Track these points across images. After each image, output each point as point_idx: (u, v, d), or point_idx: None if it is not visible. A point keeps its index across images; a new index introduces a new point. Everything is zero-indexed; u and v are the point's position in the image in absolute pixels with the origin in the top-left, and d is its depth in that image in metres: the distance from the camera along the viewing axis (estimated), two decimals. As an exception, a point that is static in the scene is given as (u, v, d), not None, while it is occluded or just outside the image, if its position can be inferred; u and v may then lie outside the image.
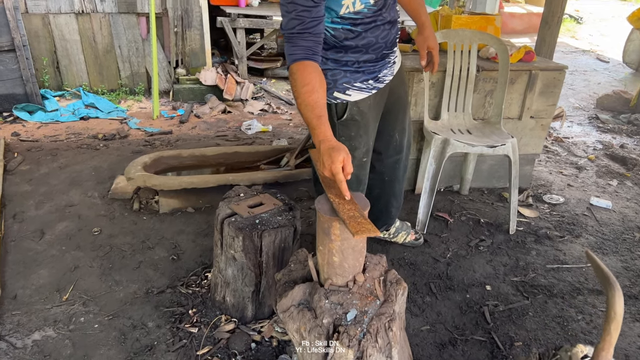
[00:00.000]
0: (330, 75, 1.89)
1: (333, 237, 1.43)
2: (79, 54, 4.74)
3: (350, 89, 1.92)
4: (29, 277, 2.32)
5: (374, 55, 1.90)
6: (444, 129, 2.75)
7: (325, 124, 1.53)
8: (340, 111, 1.96)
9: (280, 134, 4.17)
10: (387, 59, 1.98)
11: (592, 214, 3.01)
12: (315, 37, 1.60)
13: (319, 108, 1.53)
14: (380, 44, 1.88)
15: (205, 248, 2.56)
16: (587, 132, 4.56)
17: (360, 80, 1.92)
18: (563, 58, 7.60)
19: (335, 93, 1.92)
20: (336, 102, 1.94)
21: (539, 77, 2.98)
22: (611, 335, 1.03)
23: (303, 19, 1.56)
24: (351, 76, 1.91)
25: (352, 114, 1.96)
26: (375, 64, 1.93)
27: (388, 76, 2.01)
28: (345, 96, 1.93)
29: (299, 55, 1.58)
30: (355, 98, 1.94)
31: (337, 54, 1.86)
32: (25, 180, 3.20)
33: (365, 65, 1.91)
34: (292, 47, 1.59)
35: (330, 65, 1.89)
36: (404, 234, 2.58)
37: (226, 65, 5.43)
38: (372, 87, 1.96)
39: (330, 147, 1.46)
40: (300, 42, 1.58)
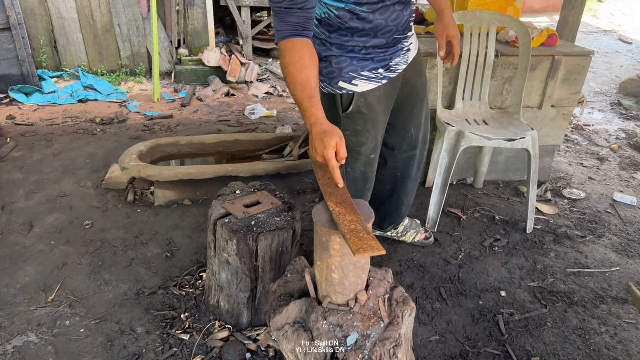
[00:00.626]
0: (335, 62, 1.70)
1: (332, 252, 1.27)
2: (77, 32, 4.55)
3: (357, 78, 1.73)
4: (14, 275, 2.19)
5: (384, 40, 1.70)
6: (459, 120, 2.55)
7: (317, 106, 1.40)
8: (345, 103, 1.77)
9: (285, 120, 3.99)
10: (400, 45, 1.77)
11: (615, 211, 2.81)
12: (306, 12, 1.43)
13: (309, 88, 1.41)
14: (390, 27, 1.67)
15: (201, 245, 2.42)
16: (609, 120, 4.32)
17: (368, 68, 1.72)
18: (584, 39, 7.27)
19: (340, 83, 1.73)
20: (341, 92, 1.75)
21: (562, 63, 2.75)
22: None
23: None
24: (358, 64, 1.71)
25: (359, 106, 1.77)
26: (386, 50, 1.73)
27: (401, 65, 1.81)
28: (352, 86, 1.73)
29: (287, 32, 1.44)
30: (363, 89, 1.75)
31: (342, 37, 1.66)
32: (17, 167, 3.06)
33: (375, 52, 1.71)
34: (280, 24, 1.44)
35: (334, 52, 1.69)
36: (414, 232, 2.41)
37: (231, 45, 5.22)
38: (382, 76, 1.76)
39: (322, 131, 1.34)
40: (289, 19, 1.43)
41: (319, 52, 1.68)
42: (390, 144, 2.06)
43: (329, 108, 1.80)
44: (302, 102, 1.41)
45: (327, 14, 1.61)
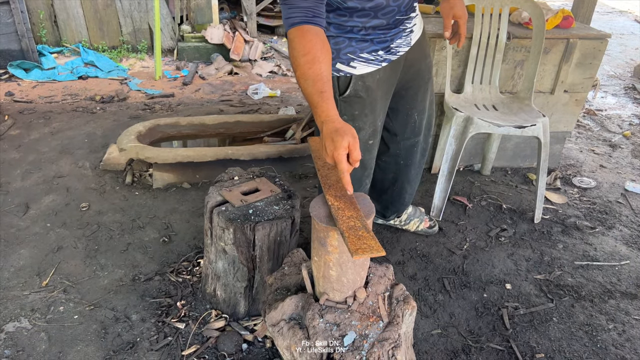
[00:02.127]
0: (333, 43, 1.61)
1: (330, 248, 1.20)
2: (77, 7, 4.44)
3: (356, 60, 1.63)
4: (8, 258, 2.15)
5: (384, 21, 1.59)
6: (467, 104, 2.46)
7: (329, 101, 1.27)
8: (343, 86, 1.68)
9: (288, 100, 3.89)
10: (402, 26, 1.67)
11: (627, 201, 2.72)
12: None
13: (321, 82, 1.27)
14: (392, 7, 1.57)
15: (199, 230, 2.36)
16: (622, 104, 4.19)
17: (367, 50, 1.63)
18: (598, 20, 7.07)
19: (337, 65, 1.64)
20: (338, 75, 1.66)
21: (577, 46, 2.64)
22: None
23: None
24: (357, 45, 1.61)
25: (357, 89, 1.68)
26: (387, 31, 1.63)
27: (403, 47, 1.71)
28: (350, 68, 1.64)
29: (297, 18, 1.31)
30: (361, 71, 1.65)
31: (341, 17, 1.56)
32: (13, 146, 3.00)
33: (375, 33, 1.61)
34: (289, 9, 1.32)
35: (332, 32, 1.59)
36: (417, 221, 2.34)
37: (234, 22, 5.09)
38: (381, 59, 1.66)
39: (334, 130, 1.21)
40: (299, 3, 1.31)
41: None
42: (392, 130, 1.98)
43: None
44: (312, 97, 1.28)
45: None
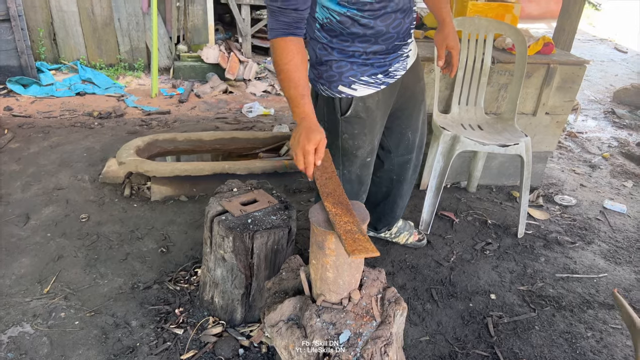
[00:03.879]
0: (336, 67, 1.73)
1: (327, 251, 1.30)
2: (76, 25, 4.56)
3: (357, 83, 1.75)
4: (10, 266, 2.21)
5: (384, 47, 1.72)
6: (454, 124, 2.59)
7: (308, 103, 1.49)
8: (344, 107, 1.80)
9: (282, 118, 4.01)
10: (400, 52, 1.80)
11: (605, 218, 2.86)
12: (297, 12, 1.47)
13: (301, 86, 1.48)
14: (391, 33, 1.70)
15: (196, 241, 2.44)
16: (602, 127, 4.38)
17: (368, 73, 1.75)
18: (580, 47, 7.34)
19: (340, 87, 1.76)
20: (340, 96, 1.77)
21: (557, 71, 2.80)
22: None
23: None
24: (358, 69, 1.74)
25: (357, 110, 1.80)
26: (386, 56, 1.76)
27: (400, 71, 1.84)
28: (351, 90, 1.76)
29: (280, 30, 1.49)
30: (362, 93, 1.77)
31: (343, 43, 1.69)
32: (13, 159, 3.07)
33: (375, 58, 1.74)
34: (273, 22, 1.50)
35: (335, 56, 1.72)
36: (407, 234, 2.45)
37: (230, 42, 5.23)
38: (380, 82, 1.79)
39: (309, 126, 1.43)
40: (282, 18, 1.48)
41: (320, 56, 1.71)
42: (387, 147, 2.10)
43: (327, 111, 1.83)
44: (294, 99, 1.47)
45: (329, 19, 1.63)
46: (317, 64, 1.75)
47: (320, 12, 1.64)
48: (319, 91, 1.81)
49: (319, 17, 1.65)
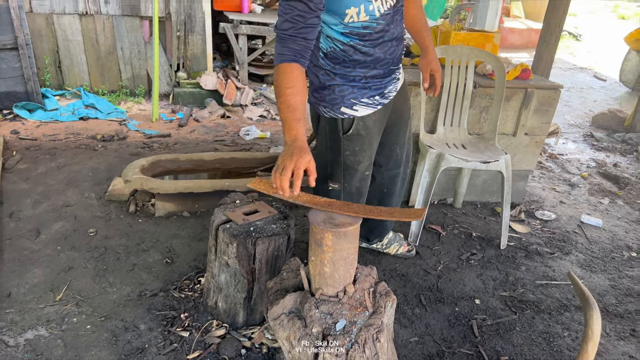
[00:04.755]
0: (338, 90, 1.93)
1: (325, 247, 1.47)
2: (81, 54, 4.77)
3: (357, 104, 1.96)
4: (23, 276, 2.34)
5: (381, 71, 1.94)
6: (439, 143, 2.79)
7: (302, 127, 1.60)
8: (346, 126, 1.99)
9: (278, 141, 4.20)
10: (393, 75, 2.02)
11: (582, 231, 3.05)
12: (306, 42, 1.64)
13: (298, 111, 1.60)
14: (387, 59, 1.92)
15: (199, 252, 2.59)
16: (581, 150, 4.61)
17: (367, 96, 1.96)
18: (561, 75, 7.68)
19: (342, 108, 1.95)
20: (343, 117, 1.97)
21: (534, 95, 3.02)
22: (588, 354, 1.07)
23: (297, 23, 1.61)
24: (358, 92, 1.94)
25: (358, 129, 1.99)
26: (382, 79, 1.97)
27: (393, 92, 2.05)
28: (352, 111, 1.96)
29: (287, 57, 1.63)
30: (362, 113, 1.97)
31: (346, 69, 1.89)
32: (22, 178, 3.22)
33: (373, 81, 1.94)
34: (282, 48, 1.64)
35: (338, 81, 1.92)
36: (397, 245, 2.61)
37: (227, 70, 5.47)
38: (377, 102, 1.99)
39: (300, 147, 1.54)
40: (291, 45, 1.63)
41: (324, 81, 1.91)
42: (378, 162, 2.29)
43: (329, 130, 2.03)
44: (290, 121, 1.59)
45: (333, 48, 1.84)
46: (320, 89, 1.95)
47: (324, 42, 1.85)
48: (321, 113, 2.01)
49: (323, 46, 1.86)
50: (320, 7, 1.65)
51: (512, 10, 10.60)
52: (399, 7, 1.88)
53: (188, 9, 4.79)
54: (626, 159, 4.43)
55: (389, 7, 1.81)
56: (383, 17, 1.81)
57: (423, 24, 2.18)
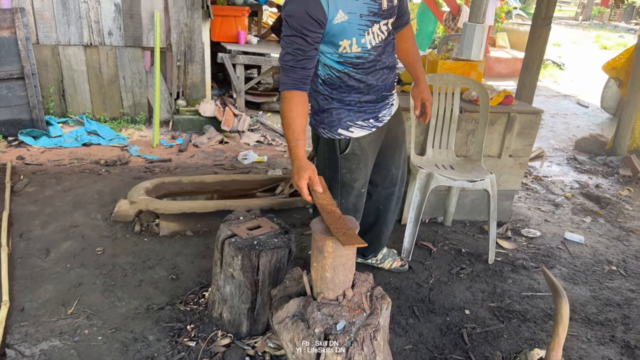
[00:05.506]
0: (336, 114, 2.11)
1: (326, 254, 1.62)
2: (84, 83, 4.96)
3: (353, 126, 2.14)
4: (35, 292, 2.45)
5: (374, 96, 2.13)
6: (429, 164, 2.97)
7: (302, 147, 1.87)
8: (343, 146, 2.17)
9: (275, 165, 4.38)
10: (387, 101, 2.20)
11: (565, 247, 3.22)
12: (306, 71, 1.88)
13: (298, 132, 1.86)
14: (380, 86, 2.11)
15: (202, 269, 2.72)
16: (565, 172, 4.82)
17: (362, 119, 2.14)
18: (546, 102, 7.97)
19: (339, 130, 2.13)
20: (340, 137, 2.15)
21: (517, 119, 3.23)
22: (559, 337, 1.21)
23: (297, 56, 1.85)
24: (354, 115, 2.13)
25: (354, 149, 2.17)
26: (376, 104, 2.16)
27: (387, 116, 2.23)
28: (349, 133, 2.14)
29: (290, 85, 1.88)
30: (357, 135, 2.15)
31: (342, 94, 2.09)
32: (31, 201, 3.35)
33: (367, 105, 2.13)
34: (285, 77, 1.89)
35: (335, 105, 2.11)
36: (390, 260, 2.76)
37: (224, 98, 5.68)
38: (372, 125, 2.17)
39: (299, 165, 1.82)
40: (292, 74, 1.87)
41: (322, 105, 2.10)
42: (374, 181, 2.45)
43: (328, 150, 2.21)
44: (290, 141, 1.87)
45: (330, 75, 2.04)
46: (320, 112, 2.14)
47: (322, 70, 2.05)
48: (320, 134, 2.19)
49: (321, 74, 2.06)
50: (317, 40, 1.86)
51: (498, 40, 11.01)
52: (390, 40, 2.09)
53: (188, 40, 5.02)
54: (607, 180, 4.64)
55: (380, 41, 2.02)
56: (375, 49, 2.01)
57: (415, 56, 2.38)
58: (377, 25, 1.98)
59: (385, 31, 2.03)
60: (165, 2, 4.86)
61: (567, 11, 29.17)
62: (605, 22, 24.05)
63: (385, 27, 2.03)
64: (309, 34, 1.82)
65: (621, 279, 2.90)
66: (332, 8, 1.83)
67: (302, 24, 1.81)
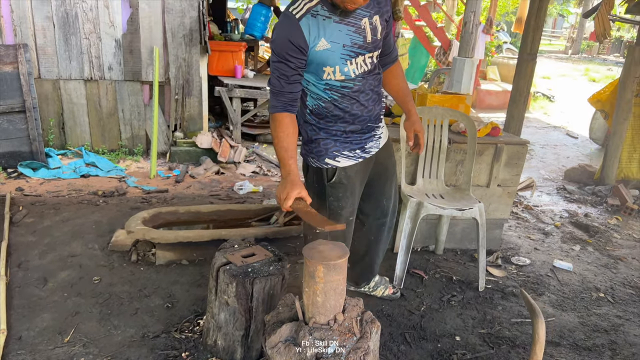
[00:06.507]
0: (323, 144, 2.21)
1: (317, 279, 1.68)
2: (84, 116, 5.08)
3: (340, 156, 2.23)
4: (33, 320, 2.49)
5: (359, 126, 2.23)
6: (419, 193, 3.06)
7: (294, 164, 1.99)
8: (330, 175, 2.26)
9: (270, 195, 4.45)
10: (373, 132, 2.30)
11: (554, 274, 3.28)
12: (292, 94, 2.03)
13: (291, 150, 2.00)
14: (365, 116, 2.21)
15: (198, 297, 2.76)
16: (555, 202, 4.92)
17: (348, 149, 2.24)
18: (536, 133, 8.14)
19: (327, 159, 2.23)
20: (327, 167, 2.24)
21: (504, 150, 3.34)
22: (537, 355, 1.27)
23: (282, 81, 2.00)
24: (341, 145, 2.23)
25: (340, 177, 2.26)
26: (362, 135, 2.26)
27: (374, 148, 2.33)
28: (335, 162, 2.23)
29: (279, 107, 2.03)
30: (344, 164, 2.24)
31: (328, 123, 2.19)
32: (29, 231, 3.41)
33: (353, 136, 2.23)
34: (273, 100, 2.04)
35: (322, 135, 2.21)
36: (383, 287, 2.81)
37: (221, 130, 5.80)
38: (358, 156, 2.27)
39: (293, 181, 1.93)
40: (280, 98, 2.02)
41: (311, 135, 2.20)
42: (366, 212, 2.53)
43: (316, 179, 2.30)
44: (283, 159, 1.99)
45: (317, 105, 2.15)
46: (308, 142, 2.24)
47: (310, 101, 2.16)
48: (309, 163, 2.28)
49: (309, 104, 2.17)
50: (300, 66, 2.00)
51: (489, 73, 11.28)
52: (375, 73, 2.20)
53: (186, 74, 5.16)
54: (596, 209, 4.73)
55: (364, 72, 2.14)
56: (359, 80, 2.13)
57: (405, 91, 2.50)
58: (361, 57, 2.10)
59: (369, 64, 2.15)
60: (164, 39, 5.03)
61: (557, 45, 29.89)
62: (594, 56, 24.64)
63: (370, 60, 2.15)
64: (292, 60, 1.97)
65: (609, 305, 2.95)
66: (313, 36, 1.97)
67: (284, 49, 1.96)
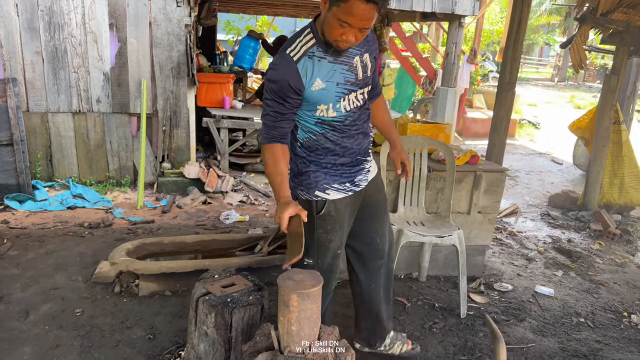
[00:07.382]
0: (313, 176, 2.25)
1: (292, 308, 1.71)
2: (71, 148, 5.12)
3: (329, 189, 2.27)
4: (13, 354, 2.48)
5: (349, 159, 2.28)
6: (400, 221, 3.11)
7: (286, 187, 2.06)
8: (319, 207, 2.29)
9: (256, 224, 4.49)
10: (362, 166, 2.34)
11: (536, 300, 3.31)
12: (285, 129, 2.11)
13: (282, 175, 2.08)
14: (354, 149, 2.27)
15: (180, 328, 2.76)
16: (539, 227, 4.98)
17: (338, 182, 2.28)
18: (522, 159, 8.27)
19: (316, 192, 2.26)
20: (316, 199, 2.27)
21: (483, 177, 3.41)
22: (499, 380, 1.30)
23: (276, 117, 2.08)
24: (330, 178, 2.27)
25: (329, 210, 2.29)
26: (352, 168, 2.30)
27: (363, 182, 2.36)
28: (325, 195, 2.27)
29: (271, 139, 2.11)
30: (333, 197, 2.28)
31: (318, 156, 2.24)
32: (13, 264, 3.40)
33: (342, 169, 2.28)
34: (266, 132, 2.12)
35: (312, 168, 2.25)
36: (400, 344, 2.62)
37: (209, 160, 5.86)
38: (348, 189, 2.30)
39: (284, 202, 1.99)
40: (273, 131, 2.10)
41: (301, 168, 2.25)
42: (358, 250, 2.46)
43: None
44: (277, 184, 2.06)
45: (308, 138, 2.20)
46: (298, 175, 2.28)
47: (301, 134, 2.22)
48: (298, 196, 2.31)
49: (299, 137, 2.22)
50: (295, 105, 2.06)
51: (475, 102, 11.50)
52: (365, 108, 2.28)
53: (174, 106, 5.25)
54: (579, 234, 4.80)
55: (356, 107, 2.21)
56: (350, 115, 2.19)
57: (389, 122, 2.57)
58: (354, 93, 2.18)
59: (361, 100, 2.23)
60: (152, 72, 5.12)
61: (544, 73, 30.52)
62: (580, 83, 25.18)
63: (362, 96, 2.22)
64: (288, 100, 2.04)
65: (589, 330, 2.98)
66: (309, 77, 2.04)
67: (282, 90, 2.03)
